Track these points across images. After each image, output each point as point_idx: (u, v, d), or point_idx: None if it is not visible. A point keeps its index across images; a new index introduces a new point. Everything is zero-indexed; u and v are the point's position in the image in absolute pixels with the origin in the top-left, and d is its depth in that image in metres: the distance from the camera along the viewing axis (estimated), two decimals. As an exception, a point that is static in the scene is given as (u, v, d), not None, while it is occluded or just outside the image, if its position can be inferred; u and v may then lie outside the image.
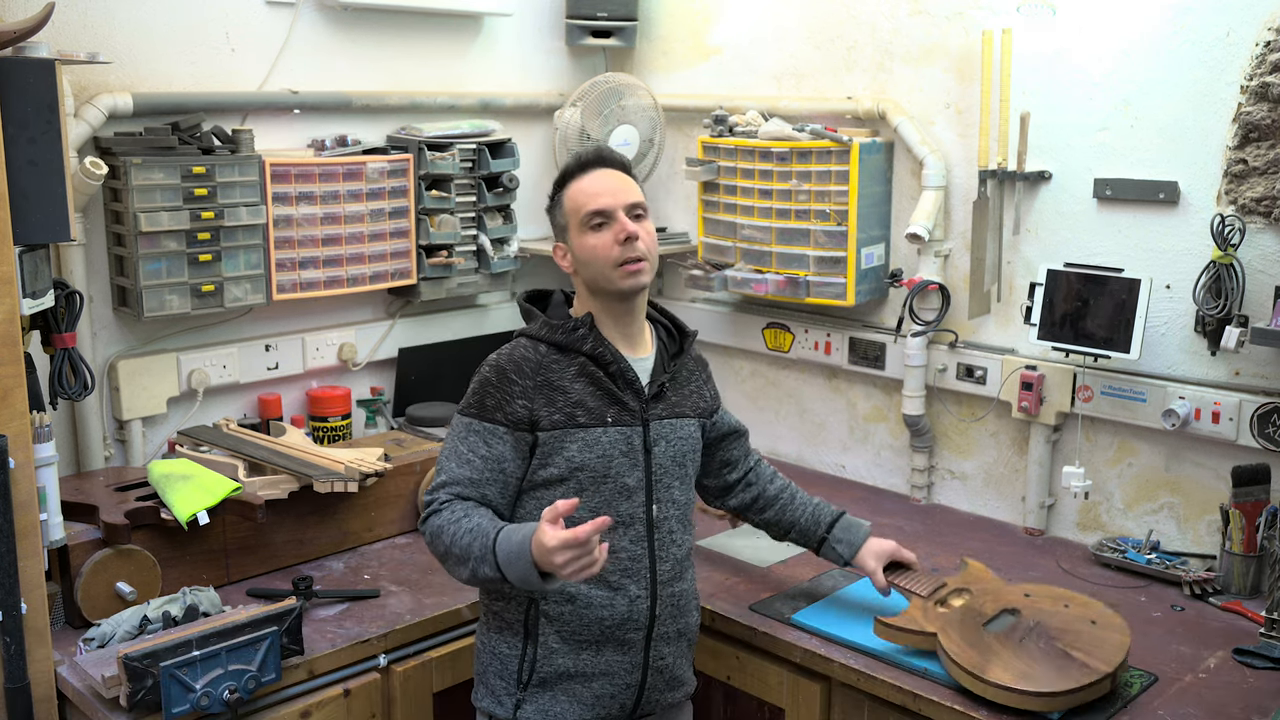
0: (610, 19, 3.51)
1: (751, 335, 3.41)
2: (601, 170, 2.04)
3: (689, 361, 2.17)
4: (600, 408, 1.99)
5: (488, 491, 1.97)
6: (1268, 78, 2.35)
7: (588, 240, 2.00)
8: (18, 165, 2.00)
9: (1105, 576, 2.59)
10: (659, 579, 2.03)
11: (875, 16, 3.04)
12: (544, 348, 2.01)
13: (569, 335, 2.00)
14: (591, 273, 2.01)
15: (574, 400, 1.97)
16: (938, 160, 2.91)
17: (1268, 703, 2.04)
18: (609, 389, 2.00)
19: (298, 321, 3.11)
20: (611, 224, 1.99)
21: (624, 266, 1.98)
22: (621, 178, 2.04)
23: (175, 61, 2.80)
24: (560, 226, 2.07)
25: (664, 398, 2.07)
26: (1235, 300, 2.43)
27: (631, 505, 2.00)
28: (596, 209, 1.99)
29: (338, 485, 2.54)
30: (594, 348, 1.99)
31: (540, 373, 1.98)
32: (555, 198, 2.08)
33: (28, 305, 2.08)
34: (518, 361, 1.99)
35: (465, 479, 1.96)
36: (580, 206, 2.01)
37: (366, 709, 2.27)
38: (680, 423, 2.09)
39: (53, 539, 2.17)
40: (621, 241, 1.97)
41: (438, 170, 3.14)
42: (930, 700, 2.06)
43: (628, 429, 2.01)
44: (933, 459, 3.10)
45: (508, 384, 1.97)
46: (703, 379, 2.21)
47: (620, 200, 2.00)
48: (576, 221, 2.01)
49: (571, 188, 2.04)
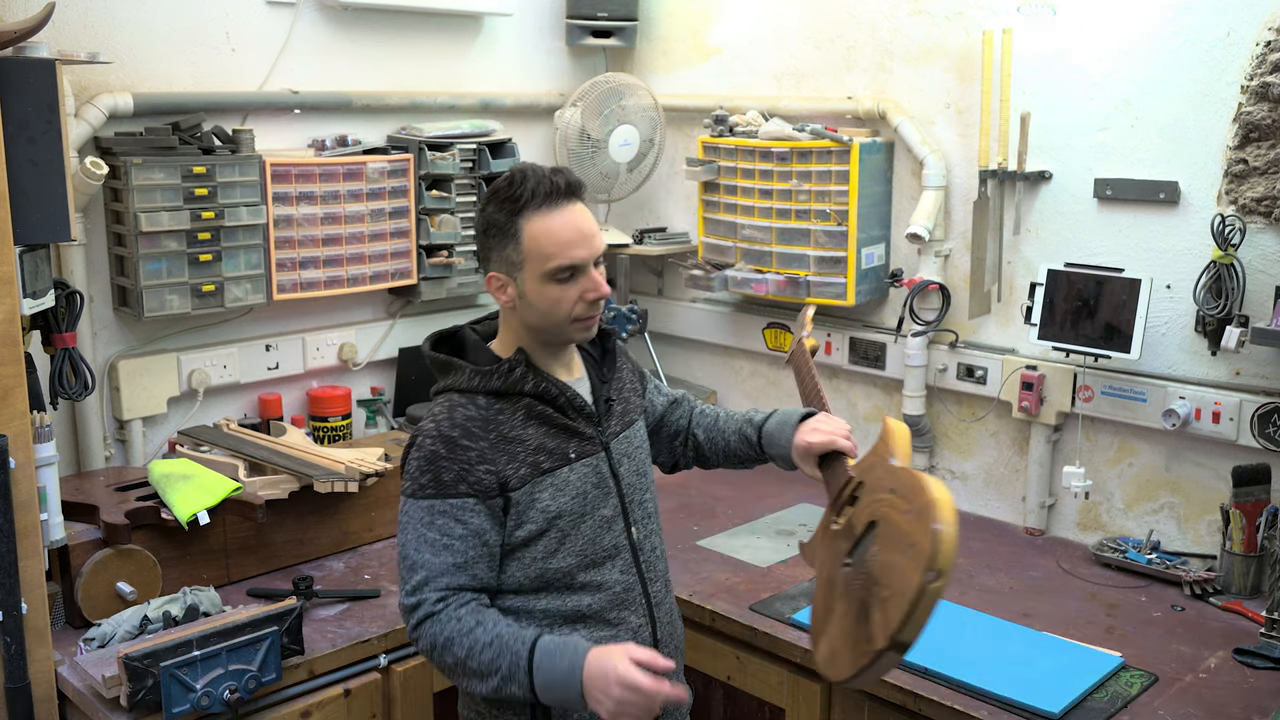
0: (610, 19, 3.51)
1: (751, 335, 3.41)
2: (570, 208, 1.77)
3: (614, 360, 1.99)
4: (560, 446, 1.82)
5: (478, 570, 1.76)
6: (1268, 78, 2.35)
7: (548, 291, 1.77)
8: (18, 165, 2.00)
9: (1105, 576, 2.59)
10: (654, 601, 1.91)
11: (875, 16, 3.04)
12: (483, 399, 1.80)
13: (506, 379, 1.80)
14: (542, 321, 1.80)
15: (533, 447, 1.79)
16: (938, 160, 2.91)
17: (1268, 703, 2.04)
18: (563, 424, 1.82)
19: (298, 321, 3.11)
20: (581, 278, 1.78)
21: (580, 322, 1.81)
22: (588, 216, 1.80)
23: (175, 61, 2.80)
24: (507, 260, 1.78)
25: (611, 412, 1.92)
26: (1235, 300, 2.43)
27: (613, 535, 1.86)
28: (568, 263, 1.75)
29: (338, 485, 2.54)
30: (536, 385, 1.81)
31: (491, 428, 1.78)
32: (504, 224, 1.77)
33: (28, 305, 2.08)
34: (462, 424, 1.77)
35: (449, 567, 1.74)
36: (548, 255, 1.74)
37: (366, 709, 2.27)
38: (633, 430, 1.96)
39: (53, 539, 2.17)
40: (589, 301, 1.79)
41: (438, 170, 3.14)
42: (930, 700, 2.06)
43: (592, 459, 1.85)
44: (933, 459, 3.10)
45: (461, 451, 1.76)
46: (629, 373, 2.03)
47: (593, 250, 1.78)
48: (538, 268, 1.75)
49: (535, 224, 1.75)
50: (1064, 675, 2.10)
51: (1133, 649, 2.22)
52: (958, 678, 2.10)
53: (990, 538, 2.84)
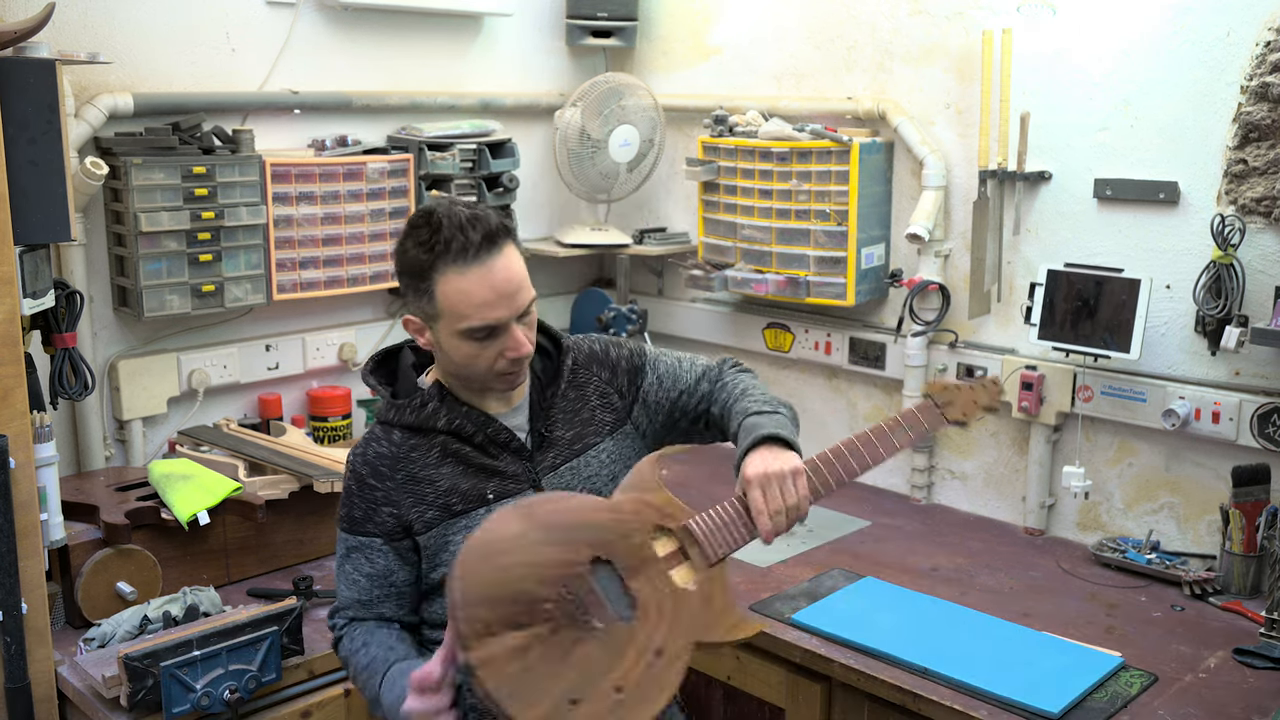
0: (610, 19, 3.51)
1: (751, 335, 3.41)
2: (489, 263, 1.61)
3: (575, 375, 1.82)
4: (475, 487, 1.70)
5: (383, 610, 1.74)
6: (1268, 78, 2.35)
7: (465, 347, 1.65)
8: (18, 165, 2.00)
9: (1105, 576, 2.59)
10: None
11: (875, 16, 3.04)
12: (398, 434, 1.73)
13: (419, 414, 1.71)
14: (459, 371, 1.69)
15: (444, 489, 1.70)
16: (938, 160, 2.91)
17: (1268, 703, 2.04)
18: (480, 463, 1.71)
19: (298, 321, 3.11)
20: (500, 336, 1.64)
21: (503, 377, 1.69)
22: (511, 266, 1.63)
23: (175, 61, 2.80)
24: (422, 309, 1.66)
25: (551, 442, 1.75)
26: (1235, 300, 2.43)
27: None
28: (485, 324, 1.62)
29: (338, 485, 2.53)
30: (450, 422, 1.70)
31: (400, 467, 1.71)
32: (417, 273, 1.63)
33: (28, 305, 2.08)
34: (372, 462, 1.72)
35: (355, 602, 1.74)
36: (461, 315, 1.61)
37: (366, 709, 2.26)
38: (585, 460, 1.77)
39: (53, 539, 2.17)
40: (509, 359, 1.66)
41: (438, 170, 3.14)
42: (930, 700, 2.06)
43: (514, 499, 1.70)
44: (933, 459, 3.10)
45: (368, 490, 1.72)
46: (601, 382, 1.84)
47: (514, 309, 1.63)
48: (452, 325, 1.63)
49: (449, 283, 1.60)
50: (1064, 675, 2.10)
51: (1132, 649, 2.22)
52: (958, 678, 2.10)
53: (990, 538, 2.84)
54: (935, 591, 2.49)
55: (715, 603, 1.62)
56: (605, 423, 1.82)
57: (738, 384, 1.86)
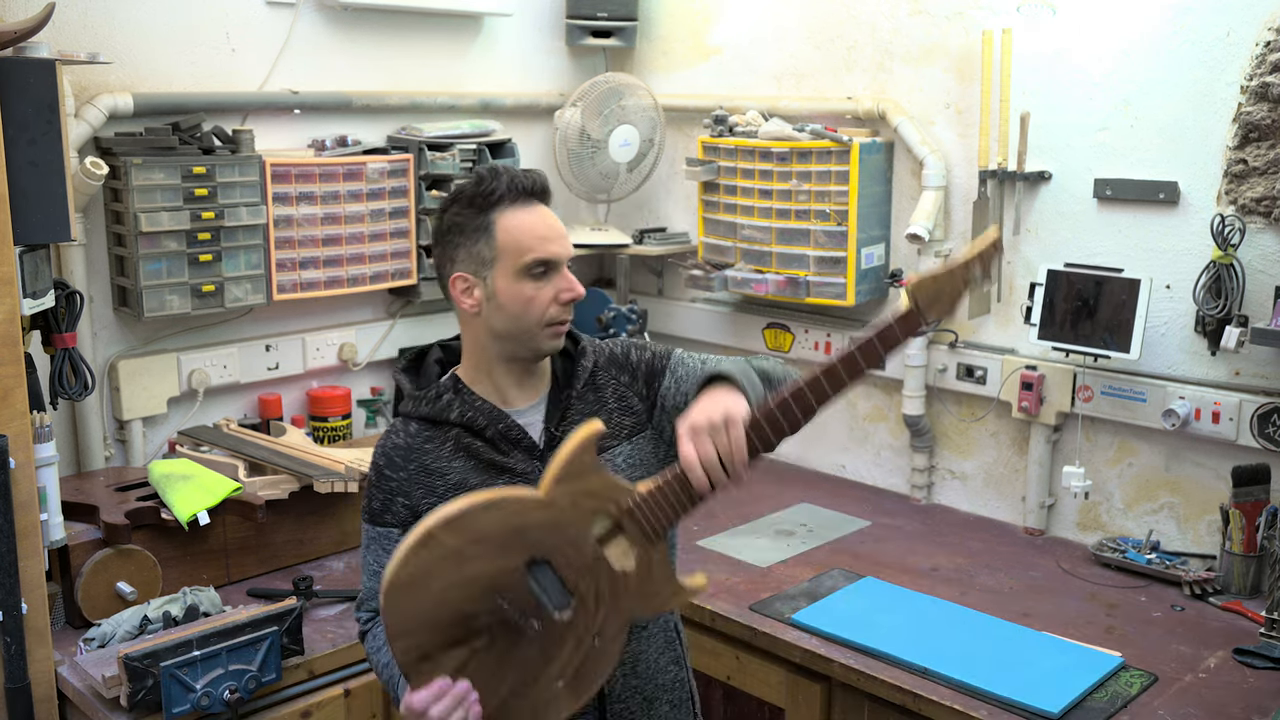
0: (610, 19, 3.51)
1: (751, 335, 3.41)
2: (543, 208, 1.71)
3: (594, 378, 1.81)
4: (485, 483, 1.70)
5: None
6: (1268, 78, 2.35)
7: (523, 288, 1.67)
8: (18, 165, 2.00)
9: (1105, 576, 2.59)
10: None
11: (875, 16, 3.04)
12: (415, 426, 1.76)
13: (433, 405, 1.74)
14: (511, 325, 1.70)
15: (454, 482, 1.71)
16: (938, 160, 2.91)
17: (1268, 703, 2.04)
18: (490, 458, 1.71)
19: (298, 321, 3.11)
20: (554, 276, 1.69)
21: (551, 327, 1.71)
22: (558, 220, 1.73)
23: (175, 61, 2.80)
24: (476, 257, 1.69)
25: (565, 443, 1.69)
26: (1235, 300, 2.43)
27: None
28: (545, 256, 1.67)
29: (338, 485, 2.54)
30: (462, 413, 1.72)
31: (413, 459, 1.73)
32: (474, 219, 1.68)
33: (28, 305, 2.08)
34: (389, 453, 1.76)
35: (376, 593, 1.72)
36: (524, 248, 1.67)
37: (366, 709, 2.27)
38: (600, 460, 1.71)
39: (53, 539, 2.17)
40: (564, 302, 1.70)
41: (438, 170, 3.14)
42: (930, 700, 2.06)
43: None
44: (933, 459, 3.10)
45: (384, 481, 1.75)
46: (621, 385, 1.82)
47: (567, 249, 1.71)
48: (512, 263, 1.67)
49: (508, 218, 1.68)
50: (1064, 675, 2.10)
51: (1132, 649, 2.22)
52: (958, 678, 2.10)
53: (990, 538, 2.84)
54: (935, 591, 2.49)
55: (655, 574, 1.63)
56: (623, 426, 1.79)
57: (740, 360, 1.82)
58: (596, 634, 1.60)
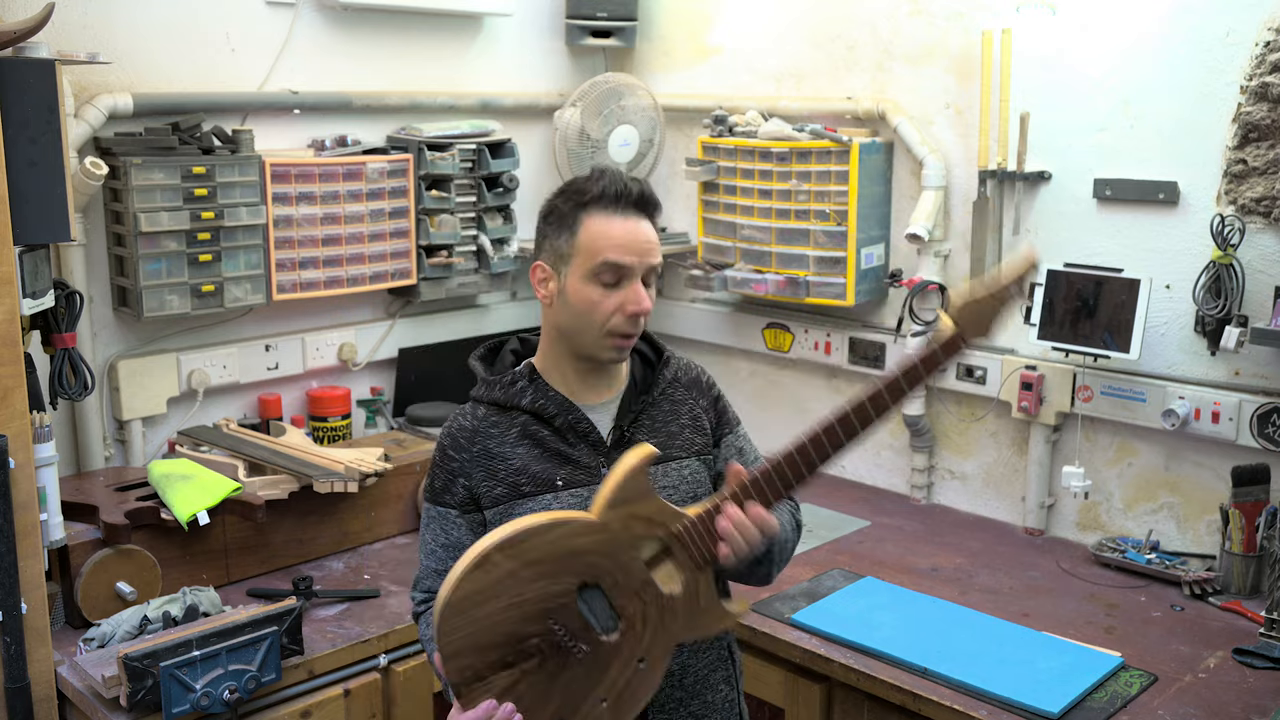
0: (610, 19, 3.51)
1: (751, 335, 3.41)
2: (636, 219, 1.69)
3: (672, 391, 1.83)
4: (547, 471, 1.72)
5: None
6: (1268, 78, 2.35)
7: (589, 291, 1.68)
8: (18, 165, 2.00)
9: (1105, 576, 2.59)
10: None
11: (875, 16, 3.04)
12: (483, 410, 1.77)
13: (506, 391, 1.76)
14: (574, 325, 1.71)
15: (516, 467, 1.72)
16: (938, 160, 2.91)
17: (1268, 703, 2.04)
18: (556, 448, 1.73)
19: (298, 321, 3.11)
20: (625, 286, 1.68)
21: (613, 337, 1.70)
22: (652, 232, 1.72)
23: (175, 61, 2.80)
24: (556, 250, 1.72)
25: (631, 444, 1.72)
26: (1235, 300, 2.43)
27: None
28: (616, 261, 1.67)
29: (338, 485, 2.54)
30: (534, 401, 1.73)
31: (477, 441, 1.74)
32: (565, 213, 1.71)
33: (28, 305, 2.08)
34: (454, 434, 1.77)
35: (433, 571, 1.77)
36: (598, 250, 1.67)
37: (366, 709, 2.27)
38: (664, 469, 1.76)
39: (53, 539, 2.17)
40: (628, 314, 1.69)
41: (438, 170, 3.14)
42: (930, 700, 2.06)
43: (583, 489, 1.71)
44: (933, 459, 3.10)
45: (447, 461, 1.76)
46: (697, 407, 1.84)
47: (645, 262, 1.69)
48: (585, 262, 1.68)
49: (595, 219, 1.68)
50: (1064, 675, 2.10)
51: (1132, 649, 2.22)
52: (958, 678, 2.10)
53: (990, 538, 2.84)
54: (935, 591, 2.49)
55: (702, 598, 1.65)
56: (693, 443, 1.82)
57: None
58: (642, 657, 1.62)
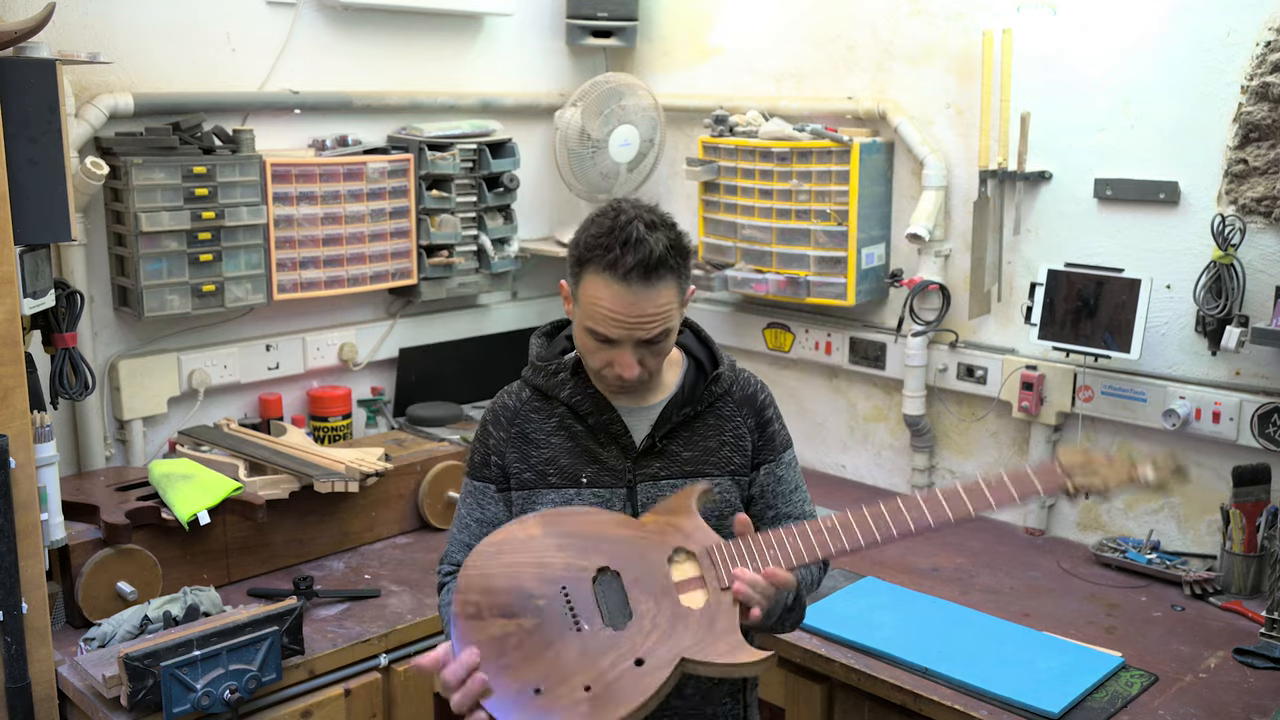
0: (610, 19, 3.51)
1: (752, 335, 3.41)
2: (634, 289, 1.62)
3: (721, 406, 1.80)
4: (575, 466, 1.74)
5: None
6: (1268, 78, 2.35)
7: (584, 339, 1.70)
8: (18, 165, 2.00)
9: (1105, 576, 2.59)
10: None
11: (875, 16, 3.04)
12: (528, 393, 1.81)
13: (549, 379, 1.78)
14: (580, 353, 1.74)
15: (547, 456, 1.75)
16: (938, 160, 2.91)
17: (1268, 703, 2.04)
18: (586, 445, 1.74)
19: (298, 321, 3.11)
20: (614, 350, 1.67)
21: (608, 382, 1.72)
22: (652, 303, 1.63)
23: (176, 61, 2.80)
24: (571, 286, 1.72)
25: (664, 454, 1.75)
26: (1235, 300, 2.43)
27: None
28: (602, 333, 1.66)
29: (338, 485, 2.54)
30: (571, 395, 1.75)
31: (517, 423, 1.78)
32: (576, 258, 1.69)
33: (28, 305, 2.08)
34: (497, 411, 1.81)
35: (463, 545, 1.79)
36: (587, 314, 1.66)
37: (367, 709, 2.27)
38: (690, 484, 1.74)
39: (53, 539, 2.17)
40: (614, 373, 1.68)
41: (438, 170, 3.14)
42: (930, 700, 2.06)
43: (606, 491, 1.73)
44: (933, 459, 3.10)
45: (487, 436, 1.80)
46: (744, 427, 1.81)
47: (633, 336, 1.65)
48: (580, 315, 1.69)
49: (593, 280, 1.64)
50: (1064, 675, 2.10)
51: (1133, 649, 2.22)
52: (958, 678, 2.10)
53: (990, 538, 2.84)
54: (935, 591, 2.49)
55: (719, 624, 1.62)
56: (731, 462, 1.79)
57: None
58: (641, 659, 1.58)
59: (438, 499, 2.81)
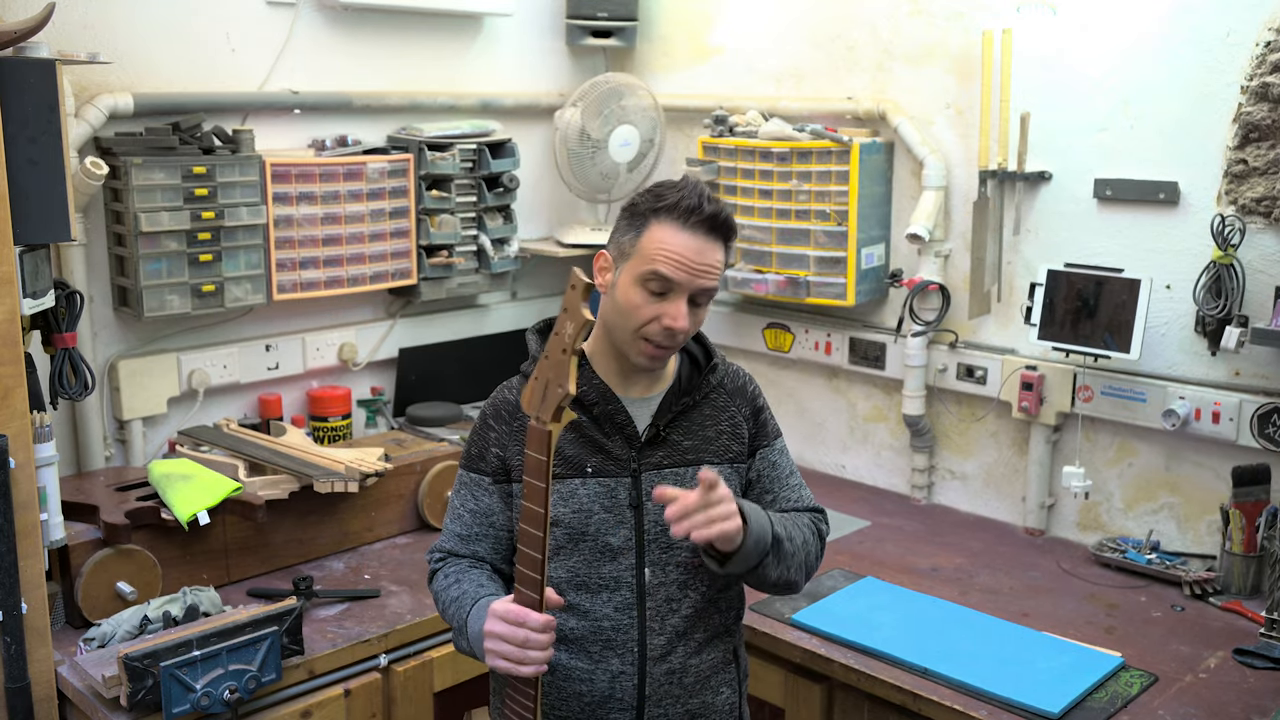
0: (610, 19, 3.51)
1: (752, 335, 3.41)
2: (702, 238, 1.70)
3: (716, 396, 1.85)
4: (579, 456, 1.76)
5: (478, 548, 1.82)
6: (1268, 78, 2.35)
7: (635, 294, 1.71)
8: (18, 165, 2.00)
9: (1105, 576, 2.59)
10: (649, 654, 1.76)
11: (875, 16, 3.04)
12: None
13: None
14: (615, 320, 1.75)
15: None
16: (938, 160, 2.91)
17: (1268, 703, 2.04)
18: (591, 435, 1.76)
19: (298, 321, 3.11)
20: (669, 300, 1.70)
21: (647, 344, 1.73)
22: (714, 255, 1.72)
23: (175, 61, 2.80)
24: (621, 245, 1.75)
25: (665, 443, 1.79)
26: (1235, 300, 2.43)
27: (616, 568, 1.76)
28: (664, 273, 1.69)
29: (338, 485, 2.54)
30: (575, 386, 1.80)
31: (517, 415, 1.79)
32: (640, 212, 1.74)
33: (28, 305, 2.08)
34: (498, 405, 1.83)
35: (456, 535, 1.83)
36: (652, 257, 1.69)
37: (366, 709, 2.27)
38: (694, 470, 1.78)
39: (53, 539, 2.17)
40: (663, 326, 1.71)
41: (438, 170, 3.14)
42: (930, 700, 2.06)
43: (611, 480, 1.76)
44: (933, 459, 3.10)
45: (486, 430, 1.82)
46: (739, 415, 1.86)
47: (694, 283, 1.70)
48: (639, 265, 1.71)
49: (662, 226, 1.70)
50: (1064, 675, 2.10)
51: (1133, 649, 2.22)
52: (958, 678, 2.10)
53: (990, 538, 2.84)
54: (935, 591, 2.49)
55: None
56: (728, 450, 1.84)
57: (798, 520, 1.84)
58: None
59: (437, 499, 2.81)
